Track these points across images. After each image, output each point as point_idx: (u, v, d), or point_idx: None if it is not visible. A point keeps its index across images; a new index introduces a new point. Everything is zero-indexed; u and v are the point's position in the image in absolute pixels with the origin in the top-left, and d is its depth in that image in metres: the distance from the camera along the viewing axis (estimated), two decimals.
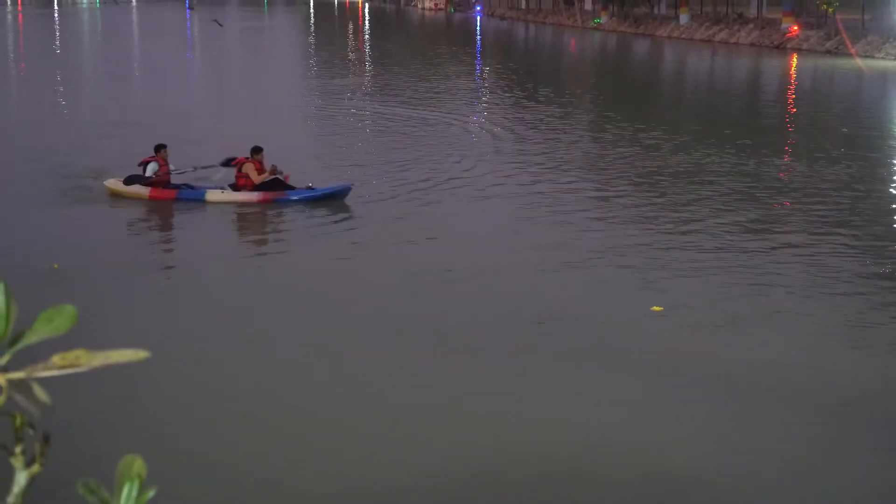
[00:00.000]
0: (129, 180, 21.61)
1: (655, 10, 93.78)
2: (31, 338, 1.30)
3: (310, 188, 21.30)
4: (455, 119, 34.55)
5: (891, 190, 23.69)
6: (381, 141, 30.23)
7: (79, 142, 28.86)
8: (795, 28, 70.63)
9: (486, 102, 40.15)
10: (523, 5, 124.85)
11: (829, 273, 16.39)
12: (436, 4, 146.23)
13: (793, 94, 45.95)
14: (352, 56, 67.81)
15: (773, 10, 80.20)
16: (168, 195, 21.43)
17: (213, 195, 21.31)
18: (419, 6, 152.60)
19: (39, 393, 1.21)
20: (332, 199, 21.14)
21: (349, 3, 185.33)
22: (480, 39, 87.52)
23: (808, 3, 71.27)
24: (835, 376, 12.15)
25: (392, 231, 19.31)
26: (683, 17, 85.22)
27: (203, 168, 22.19)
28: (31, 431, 1.32)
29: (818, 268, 16.70)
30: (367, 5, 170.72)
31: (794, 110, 39.26)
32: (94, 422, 10.63)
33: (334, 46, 76.39)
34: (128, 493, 1.37)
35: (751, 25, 76.89)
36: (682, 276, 16.30)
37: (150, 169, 21.59)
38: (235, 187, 21.43)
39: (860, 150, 28.43)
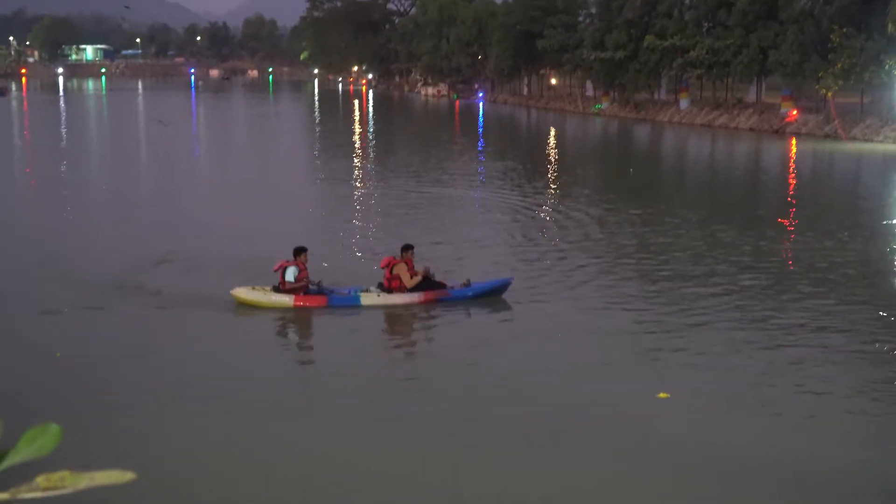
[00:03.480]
0: (277, 289, 19.87)
1: (656, 96, 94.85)
2: (14, 458, 1.25)
3: (467, 284, 20.26)
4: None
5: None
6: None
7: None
8: (794, 112, 71.45)
9: (509, 187, 40.50)
10: (525, 91, 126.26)
11: (839, 358, 16.56)
12: (438, 91, 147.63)
13: (793, 177, 46.48)
14: (363, 142, 68.48)
15: (772, 94, 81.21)
16: (317, 302, 19.69)
17: (368, 299, 19.76)
18: (423, 92, 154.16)
19: None
20: (493, 295, 20.31)
21: (353, 89, 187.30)
22: (486, 125, 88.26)
23: (807, 88, 72.25)
24: (841, 471, 12.18)
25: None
26: (683, 103, 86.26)
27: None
28: None
29: (828, 353, 16.84)
30: (370, 91, 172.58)
31: (795, 193, 39.72)
32: None
33: (345, 134, 77.03)
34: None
35: (750, 110, 77.81)
36: (689, 361, 16.49)
37: (290, 273, 19.73)
38: (385, 290, 20.01)
39: (862, 231, 28.84)
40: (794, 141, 64.47)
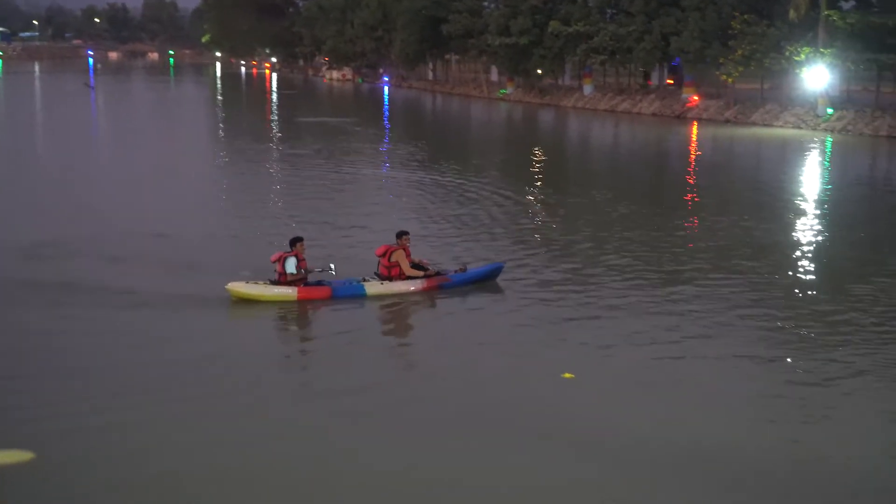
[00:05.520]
0: (275, 282, 18.95)
1: (560, 81, 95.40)
2: None
3: (462, 270, 20.08)
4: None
5: (794, 249, 24.23)
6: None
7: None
8: (696, 98, 72.44)
9: (417, 171, 40.27)
10: (430, 76, 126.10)
11: (743, 336, 16.73)
12: (343, 75, 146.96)
13: (694, 160, 46.99)
14: (268, 126, 67.59)
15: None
16: (322, 294, 18.92)
17: (373, 288, 19.18)
18: (327, 77, 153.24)
19: None
20: (488, 280, 20.23)
21: (256, 73, 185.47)
22: (391, 110, 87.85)
23: (708, 74, 73.24)
24: (739, 446, 12.24)
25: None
26: (587, 88, 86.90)
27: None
28: None
29: (733, 331, 17.02)
30: (274, 75, 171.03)
31: (696, 175, 40.09)
32: None
33: (249, 118, 76.06)
34: None
35: (652, 96, 78.70)
36: (593, 341, 16.48)
37: (291, 265, 18.88)
38: (385, 278, 19.48)
39: (761, 211, 29.29)
40: (695, 125, 65.37)
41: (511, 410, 13.33)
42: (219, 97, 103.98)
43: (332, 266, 19.32)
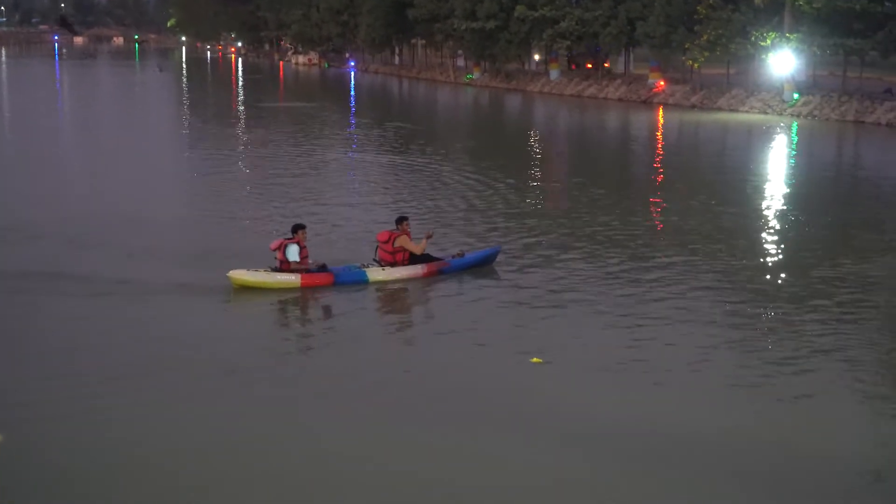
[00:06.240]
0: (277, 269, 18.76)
1: (526, 66, 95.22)
2: None
3: (460, 255, 20.16)
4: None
5: (762, 233, 24.23)
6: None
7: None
8: (662, 83, 72.44)
9: (387, 154, 40.02)
10: (396, 61, 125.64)
11: (711, 321, 16.70)
12: (310, 59, 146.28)
13: (661, 145, 47.04)
14: (236, 111, 67.11)
15: (640, 66, 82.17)
16: (324, 280, 18.79)
17: (375, 274, 19.17)
18: (293, 61, 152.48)
19: None
20: (486, 264, 20.37)
21: (222, 57, 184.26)
22: (358, 95, 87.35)
23: (674, 60, 73.26)
24: (708, 431, 12.18)
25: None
26: (554, 73, 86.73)
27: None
28: None
29: (699, 315, 16.99)
30: (239, 60, 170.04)
31: (663, 160, 40.06)
32: None
33: (216, 103, 75.43)
34: None
35: (618, 81, 78.67)
36: (561, 326, 16.40)
37: (293, 252, 18.64)
38: (389, 264, 19.42)
39: (726, 196, 29.33)
40: (661, 111, 65.37)
41: (507, 405, 13.10)
42: (184, 81, 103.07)
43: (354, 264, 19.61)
